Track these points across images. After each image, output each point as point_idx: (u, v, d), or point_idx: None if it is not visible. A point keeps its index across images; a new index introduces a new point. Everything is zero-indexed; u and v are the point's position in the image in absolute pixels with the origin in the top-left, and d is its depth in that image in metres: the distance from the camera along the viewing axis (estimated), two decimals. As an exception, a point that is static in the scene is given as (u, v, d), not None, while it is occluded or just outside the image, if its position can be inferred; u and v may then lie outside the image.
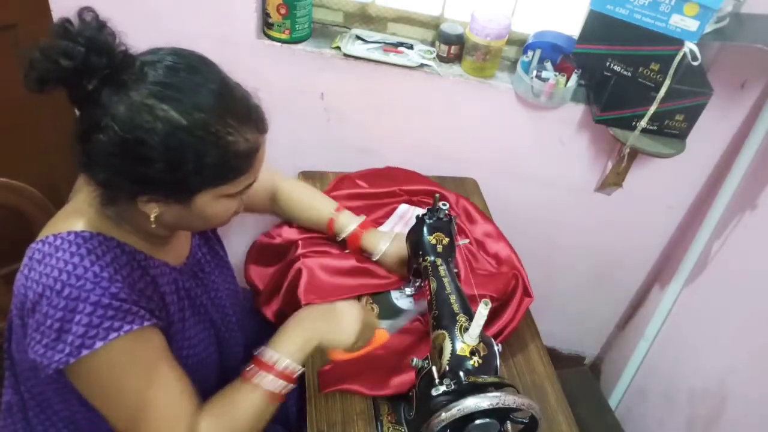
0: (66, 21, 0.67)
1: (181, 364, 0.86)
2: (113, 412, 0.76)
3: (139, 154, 0.69)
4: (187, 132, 0.69)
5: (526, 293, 1.16)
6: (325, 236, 1.20)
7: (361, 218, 1.17)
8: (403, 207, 1.32)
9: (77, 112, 0.72)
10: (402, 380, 0.99)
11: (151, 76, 0.70)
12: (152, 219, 0.76)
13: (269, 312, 1.16)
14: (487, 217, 1.35)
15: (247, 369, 0.83)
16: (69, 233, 0.75)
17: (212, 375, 0.97)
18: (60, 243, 0.74)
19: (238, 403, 0.81)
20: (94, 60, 0.66)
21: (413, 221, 1.08)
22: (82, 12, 0.69)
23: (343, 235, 1.16)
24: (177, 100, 0.69)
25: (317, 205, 1.18)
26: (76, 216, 0.78)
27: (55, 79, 0.67)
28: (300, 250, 1.16)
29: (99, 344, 0.71)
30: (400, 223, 1.29)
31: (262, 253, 1.25)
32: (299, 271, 1.12)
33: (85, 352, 0.70)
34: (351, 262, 1.16)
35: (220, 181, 0.76)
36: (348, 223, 1.16)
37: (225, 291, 1.01)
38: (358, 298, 1.13)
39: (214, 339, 0.96)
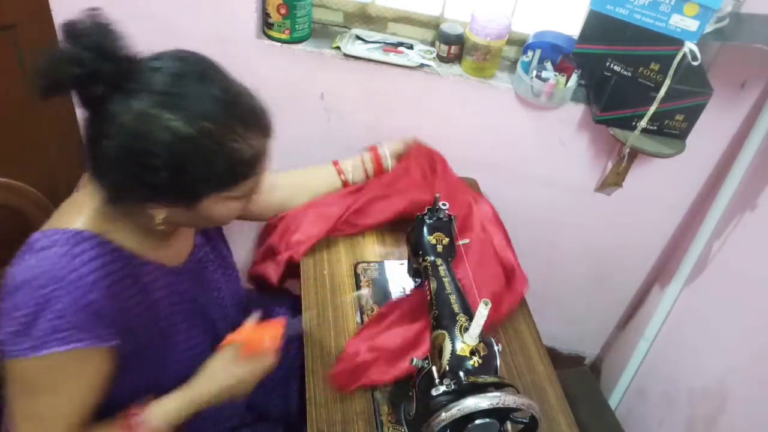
0: (72, 24, 0.67)
1: (175, 366, 0.86)
2: (13, 410, 0.76)
3: (145, 162, 0.69)
4: (192, 141, 0.70)
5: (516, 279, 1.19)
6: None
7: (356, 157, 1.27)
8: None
9: (84, 115, 0.72)
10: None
11: (157, 83, 0.70)
12: (158, 221, 0.76)
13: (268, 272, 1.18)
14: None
15: (126, 417, 0.81)
16: (68, 231, 0.75)
17: None
18: (58, 238, 0.74)
19: None
20: (101, 66, 0.66)
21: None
22: (88, 14, 0.69)
23: (361, 167, 1.25)
24: (182, 108, 0.70)
25: (315, 168, 1.24)
26: (80, 211, 0.78)
27: (63, 87, 0.67)
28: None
29: (44, 351, 0.71)
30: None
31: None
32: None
33: (44, 351, 0.71)
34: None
35: (226, 187, 0.76)
36: (350, 161, 1.26)
37: (228, 291, 1.00)
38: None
39: (211, 339, 0.96)
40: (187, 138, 0.69)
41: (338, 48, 1.40)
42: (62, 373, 0.74)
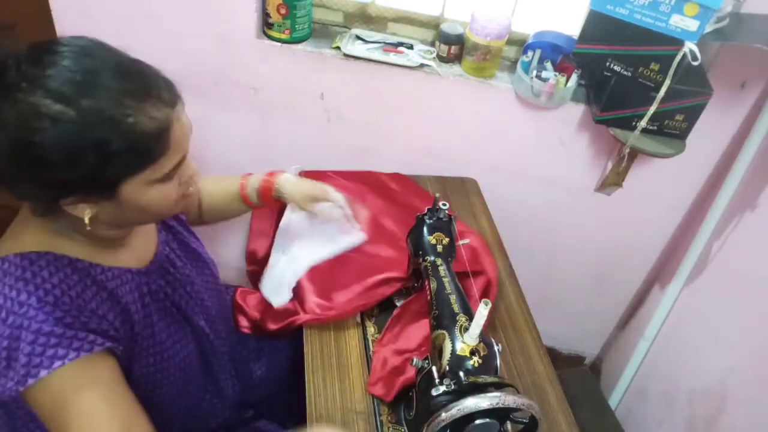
0: None
1: (155, 368, 0.84)
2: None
3: (35, 157, 0.65)
4: (78, 124, 0.65)
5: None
6: None
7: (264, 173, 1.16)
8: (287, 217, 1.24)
9: None
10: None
11: (32, 72, 0.65)
12: (87, 221, 0.72)
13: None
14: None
15: None
16: (15, 256, 0.72)
17: (196, 372, 0.96)
18: (7, 267, 0.71)
19: None
20: None
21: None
22: None
23: (256, 186, 1.10)
24: (61, 92, 0.64)
25: (226, 180, 1.14)
26: (25, 232, 0.75)
27: None
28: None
29: (43, 373, 0.68)
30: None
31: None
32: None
33: (30, 381, 0.68)
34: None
35: (138, 168, 0.70)
36: (256, 177, 1.12)
37: (202, 284, 0.99)
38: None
39: (192, 336, 0.95)
40: (71, 121, 0.64)
41: (338, 48, 1.40)
42: (68, 392, 0.70)
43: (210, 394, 1.02)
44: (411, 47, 1.43)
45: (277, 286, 1.13)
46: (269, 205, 1.16)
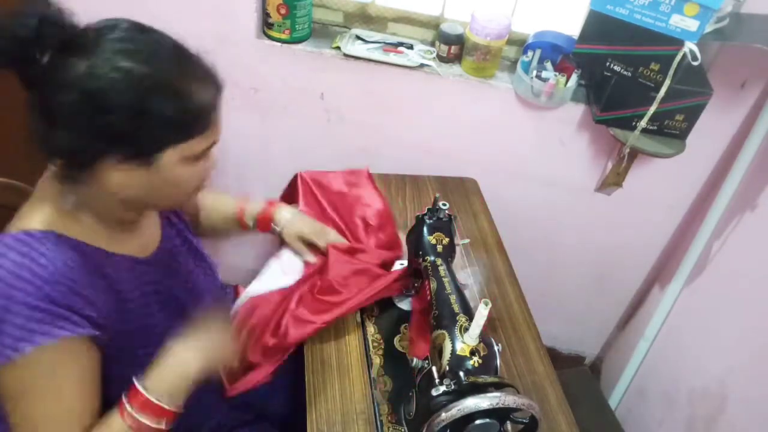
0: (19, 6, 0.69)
1: (152, 358, 0.84)
2: (10, 412, 0.74)
3: (101, 104, 0.69)
4: (147, 81, 0.70)
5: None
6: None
7: (265, 200, 1.19)
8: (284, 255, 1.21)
9: (32, 92, 0.72)
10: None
11: (107, 38, 0.71)
12: (118, 193, 0.76)
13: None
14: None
15: (122, 401, 0.79)
16: (21, 233, 0.74)
17: None
18: (11, 242, 0.73)
19: None
20: (46, 30, 0.68)
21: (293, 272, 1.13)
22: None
23: (254, 214, 1.15)
24: (136, 53, 0.71)
25: (226, 200, 1.18)
26: (35, 212, 0.77)
27: (9, 54, 0.68)
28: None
29: (28, 348, 0.69)
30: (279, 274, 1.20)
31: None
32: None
33: (14, 354, 0.69)
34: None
35: (183, 136, 0.75)
36: (256, 204, 1.17)
37: (203, 282, 1.00)
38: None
39: None
40: (141, 77, 0.70)
41: (338, 48, 1.40)
42: (44, 372, 0.72)
43: (207, 392, 1.01)
44: (411, 47, 1.43)
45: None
46: (262, 232, 1.18)
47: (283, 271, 1.15)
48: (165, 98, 0.72)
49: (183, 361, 0.84)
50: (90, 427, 0.77)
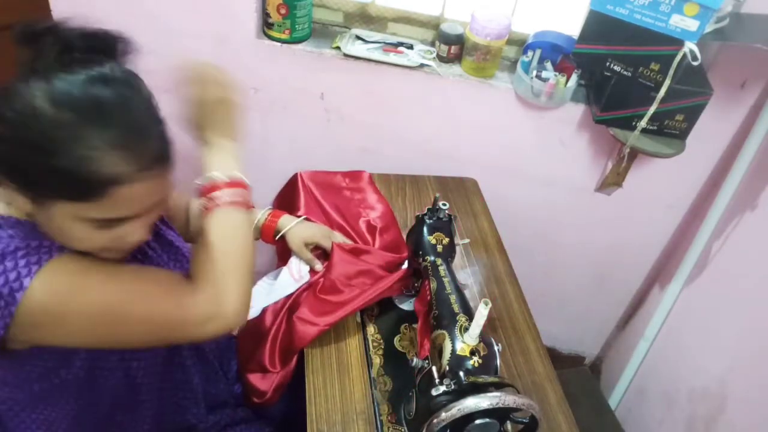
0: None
1: (126, 352, 0.84)
2: (85, 332, 0.73)
3: (4, 129, 0.67)
4: (46, 121, 0.66)
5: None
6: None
7: (269, 209, 1.19)
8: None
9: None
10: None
11: (68, 76, 0.68)
12: (25, 214, 0.73)
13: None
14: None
15: (204, 202, 0.81)
16: None
17: (162, 362, 0.94)
18: None
19: (223, 235, 0.80)
20: (45, 39, 0.70)
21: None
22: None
23: (258, 224, 1.15)
24: (61, 93, 0.67)
25: None
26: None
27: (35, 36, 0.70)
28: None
29: (26, 281, 0.67)
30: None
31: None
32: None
33: (18, 295, 0.67)
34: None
35: (70, 196, 0.69)
36: (259, 213, 1.16)
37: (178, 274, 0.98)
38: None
39: None
40: (42, 116, 0.66)
41: (338, 48, 1.40)
42: (67, 280, 0.71)
43: (183, 391, 1.00)
44: (411, 47, 1.43)
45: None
46: (266, 242, 1.19)
47: (293, 278, 1.15)
48: (56, 148, 0.66)
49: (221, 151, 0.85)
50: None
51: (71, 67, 0.69)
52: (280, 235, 1.16)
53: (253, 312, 1.13)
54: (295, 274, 1.15)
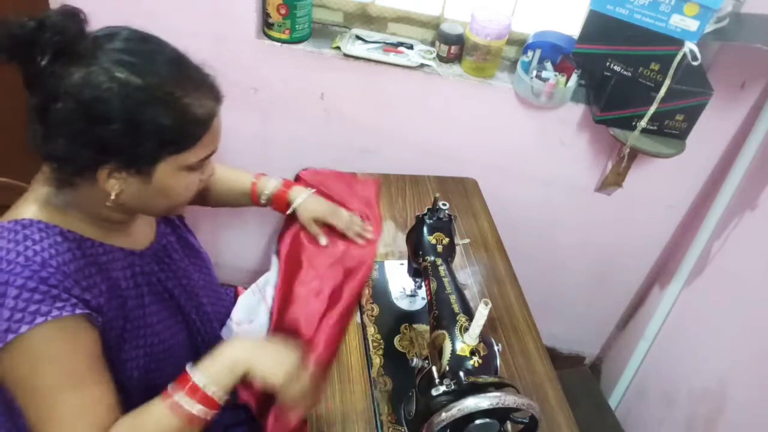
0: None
1: (146, 350, 0.84)
2: (25, 405, 0.73)
3: (97, 115, 0.70)
4: (143, 92, 0.71)
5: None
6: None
7: (282, 178, 1.20)
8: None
9: (31, 93, 0.73)
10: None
11: (107, 47, 0.71)
12: (113, 198, 0.75)
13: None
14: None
15: (169, 388, 0.78)
16: (9, 222, 0.75)
17: (184, 365, 0.96)
18: (0, 231, 0.74)
19: (149, 423, 0.75)
20: (43, 35, 0.68)
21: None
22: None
23: (267, 192, 1.16)
24: (133, 64, 0.71)
25: (238, 175, 1.18)
26: (23, 206, 0.78)
27: (4, 49, 0.68)
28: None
29: (24, 328, 0.69)
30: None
31: None
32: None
33: (10, 336, 0.68)
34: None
35: (179, 147, 0.75)
36: (270, 181, 1.17)
37: (199, 281, 0.99)
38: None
39: (184, 326, 0.95)
40: (138, 89, 0.70)
41: (338, 48, 1.40)
42: (49, 352, 0.71)
43: None
44: (411, 47, 1.43)
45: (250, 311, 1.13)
46: (278, 211, 1.20)
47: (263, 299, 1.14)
48: (160, 110, 0.72)
49: (235, 353, 0.81)
50: (113, 410, 0.75)
51: (95, 41, 0.72)
52: (291, 209, 1.17)
53: (258, 322, 1.12)
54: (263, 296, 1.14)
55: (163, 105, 0.72)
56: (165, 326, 0.90)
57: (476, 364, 0.79)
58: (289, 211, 1.17)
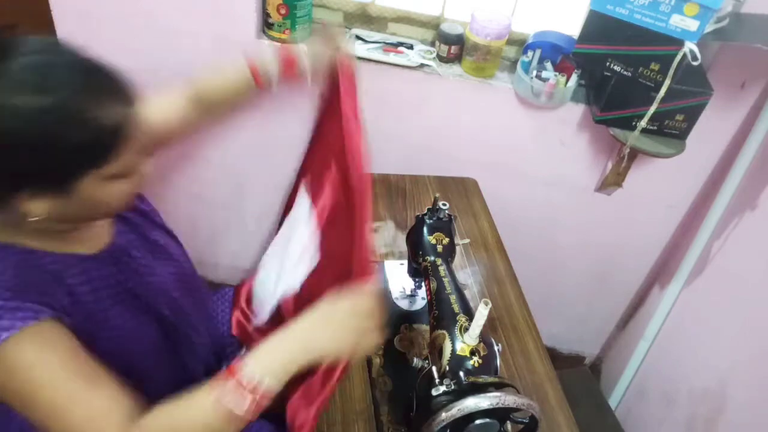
0: None
1: (117, 354, 0.82)
2: (30, 415, 0.71)
3: (1, 145, 0.66)
4: (48, 115, 0.66)
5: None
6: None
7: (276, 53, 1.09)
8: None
9: None
10: None
11: (6, 69, 0.67)
12: (38, 220, 0.72)
13: None
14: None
15: (218, 379, 0.75)
16: None
17: (163, 363, 0.95)
18: None
19: (188, 419, 0.73)
20: None
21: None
22: None
23: (273, 61, 1.06)
24: (36, 83, 0.67)
25: (224, 70, 1.09)
26: None
27: None
28: None
29: None
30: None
31: None
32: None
33: None
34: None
35: (97, 162, 0.71)
36: (264, 55, 1.08)
37: (167, 276, 0.97)
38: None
39: (156, 325, 0.92)
40: (41, 110, 0.66)
41: (338, 48, 1.40)
42: (27, 363, 0.69)
43: (182, 387, 1.00)
44: (411, 47, 1.43)
45: (260, 304, 1.12)
46: (287, 82, 1.09)
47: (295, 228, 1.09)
48: (69, 130, 0.68)
49: (294, 346, 0.78)
50: (131, 401, 0.73)
51: None
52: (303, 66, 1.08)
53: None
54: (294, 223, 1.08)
55: (70, 123, 0.67)
56: (132, 326, 0.87)
57: (476, 364, 0.79)
58: (299, 68, 1.07)
